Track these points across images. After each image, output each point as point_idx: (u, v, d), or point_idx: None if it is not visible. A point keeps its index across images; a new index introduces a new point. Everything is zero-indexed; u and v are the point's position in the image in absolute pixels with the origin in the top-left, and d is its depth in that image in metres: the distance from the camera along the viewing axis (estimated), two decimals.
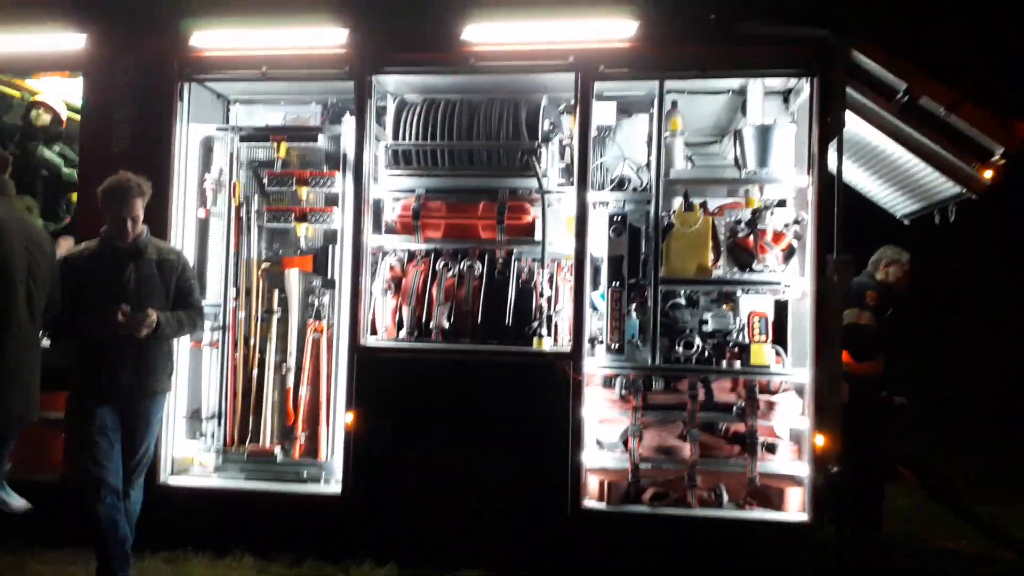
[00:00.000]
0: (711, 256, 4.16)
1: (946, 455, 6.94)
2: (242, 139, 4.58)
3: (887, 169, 4.92)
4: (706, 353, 4.15)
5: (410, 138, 4.48)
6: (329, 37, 4.37)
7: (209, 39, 4.45)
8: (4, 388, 3.21)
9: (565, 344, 4.23)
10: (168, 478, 4.36)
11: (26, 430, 3.51)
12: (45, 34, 4.57)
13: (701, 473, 4.05)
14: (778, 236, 4.19)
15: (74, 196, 5.24)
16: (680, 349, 4.12)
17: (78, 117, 4.99)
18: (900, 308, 4.91)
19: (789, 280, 4.13)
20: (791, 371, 4.10)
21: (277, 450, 4.38)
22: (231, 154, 4.59)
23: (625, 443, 4.12)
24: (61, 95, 5.51)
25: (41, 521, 3.77)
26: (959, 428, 8.86)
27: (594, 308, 4.32)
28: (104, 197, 3.51)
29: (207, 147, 4.65)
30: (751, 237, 4.15)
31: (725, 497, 4.00)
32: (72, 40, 4.53)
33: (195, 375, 4.61)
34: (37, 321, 3.36)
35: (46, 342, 3.66)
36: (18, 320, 3.24)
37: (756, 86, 4.41)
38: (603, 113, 4.49)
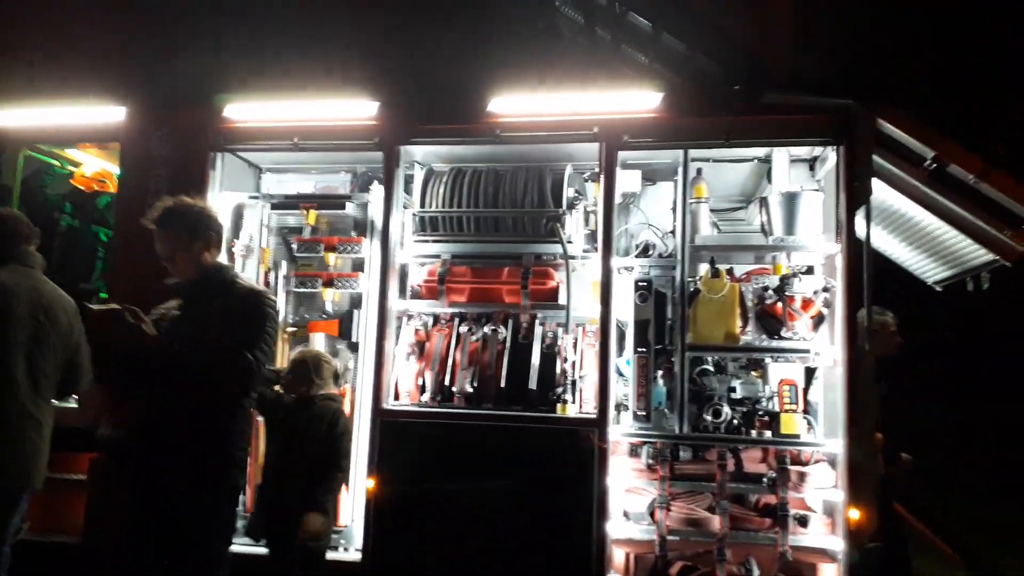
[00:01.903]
0: (739, 322, 4.16)
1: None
2: (273, 207, 4.73)
3: (917, 236, 4.90)
4: (735, 421, 4.09)
5: (437, 205, 4.60)
6: (359, 110, 4.56)
7: (242, 111, 4.65)
8: (2, 454, 3.23)
9: (590, 410, 4.21)
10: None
11: (47, 492, 3.54)
12: (87, 107, 4.81)
13: (731, 546, 3.94)
14: (807, 303, 4.18)
15: None
16: (708, 417, 4.07)
17: None
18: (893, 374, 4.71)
19: (819, 348, 4.10)
20: (823, 441, 4.02)
21: None
22: (261, 221, 4.73)
23: (652, 514, 4.04)
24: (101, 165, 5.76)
25: None
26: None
27: (619, 374, 4.31)
28: None
29: (238, 214, 4.80)
30: (779, 304, 4.15)
31: (756, 571, 3.86)
32: (112, 112, 4.77)
33: None
34: (43, 389, 3.36)
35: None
36: (15, 389, 3.25)
37: (781, 154, 4.48)
38: (628, 181, 4.58)
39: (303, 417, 3.83)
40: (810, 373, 4.26)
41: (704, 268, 4.33)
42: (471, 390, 4.36)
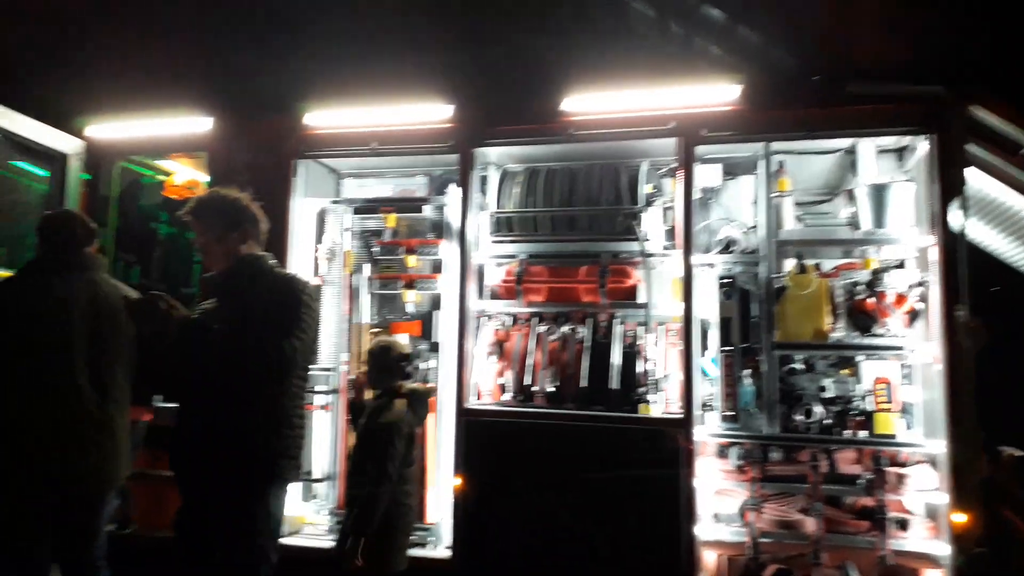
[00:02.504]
0: (828, 319, 4.05)
1: None
2: (355, 211, 4.83)
3: (1019, 226, 4.69)
4: (827, 421, 3.98)
5: (512, 206, 4.63)
6: (435, 113, 4.61)
7: (322, 118, 4.76)
8: (69, 461, 3.22)
9: (674, 410, 4.16)
10: (282, 540, 4.45)
11: (150, 489, 3.67)
12: (176, 119, 5.01)
13: (826, 549, 3.84)
14: (900, 298, 4.03)
15: None
16: (799, 417, 3.97)
17: None
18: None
19: (914, 344, 3.96)
20: (923, 442, 3.88)
21: None
22: (343, 225, 4.84)
23: (743, 516, 3.97)
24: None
25: None
26: None
27: (704, 373, 4.25)
28: None
29: (320, 219, 4.92)
30: (871, 299, 4.02)
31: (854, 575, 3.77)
32: (200, 123, 4.94)
33: (307, 438, 4.77)
34: (112, 393, 3.37)
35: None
36: (80, 397, 3.25)
37: (867, 145, 4.34)
38: (707, 175, 4.50)
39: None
40: (905, 371, 4.12)
41: (790, 264, 4.22)
42: (552, 390, 4.37)
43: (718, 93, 4.29)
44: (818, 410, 3.96)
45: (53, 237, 3.42)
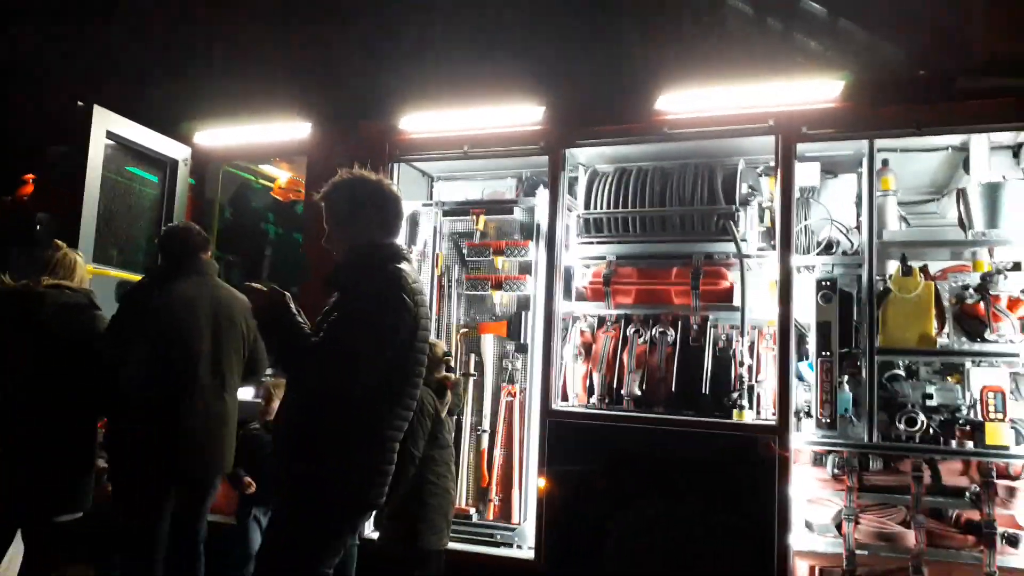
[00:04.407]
0: (935, 324, 4.03)
1: None
2: (445, 213, 5.12)
3: None
4: (931, 431, 3.98)
5: (602, 206, 4.78)
6: (525, 115, 4.83)
7: (415, 123, 5.06)
8: (191, 449, 3.66)
9: (768, 417, 4.23)
10: (368, 533, 4.72)
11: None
12: (277, 124, 5.43)
13: (928, 564, 3.82)
14: (1014, 302, 3.98)
15: None
16: (902, 426, 3.97)
17: None
18: None
19: None
20: None
21: (472, 511, 4.70)
22: (435, 227, 5.14)
23: (839, 527, 4.00)
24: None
25: None
26: None
27: (800, 379, 4.29)
28: None
29: (413, 221, 5.23)
30: (981, 304, 3.98)
31: None
32: (299, 129, 5.34)
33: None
34: (228, 386, 3.82)
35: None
36: (201, 387, 3.70)
37: (980, 141, 4.28)
38: (806, 174, 4.53)
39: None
40: (1018, 379, 4.06)
41: (894, 266, 4.21)
42: (639, 393, 4.50)
43: (819, 89, 4.32)
44: (922, 418, 3.95)
45: (174, 246, 3.89)
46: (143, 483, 3.64)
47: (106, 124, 5.07)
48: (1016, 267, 4.16)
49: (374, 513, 3.73)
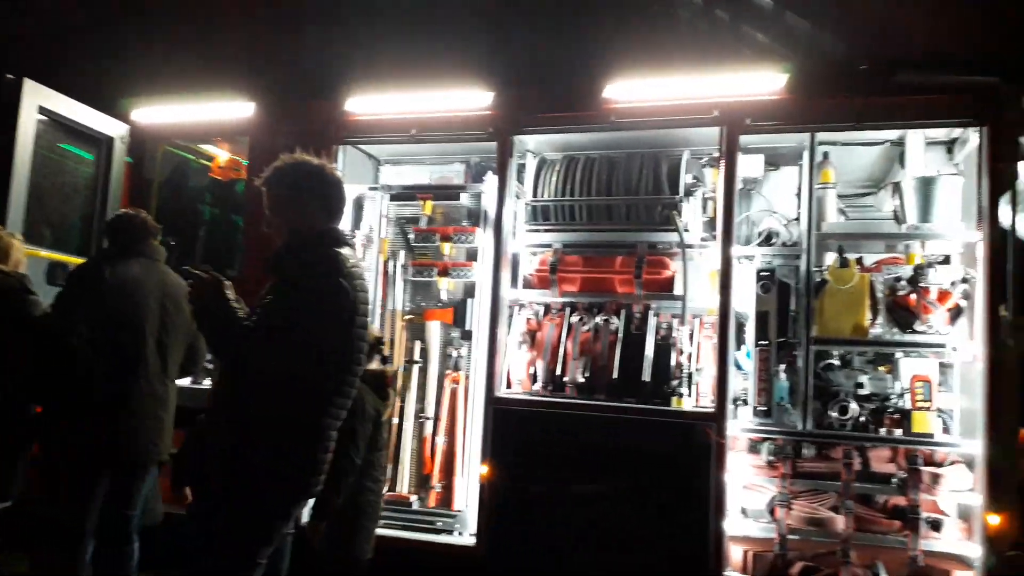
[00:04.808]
0: (868, 315, 4.17)
1: None
2: (391, 198, 5.09)
3: None
4: (862, 419, 4.11)
5: (549, 194, 4.82)
6: (474, 100, 4.82)
7: (362, 104, 5.01)
8: (132, 430, 3.65)
9: (706, 404, 4.33)
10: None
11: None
12: (219, 104, 5.33)
13: (856, 548, 3.97)
14: (944, 295, 4.14)
15: None
16: (834, 414, 4.11)
17: None
18: None
19: (956, 342, 4.05)
20: (959, 441, 3.99)
21: (413, 498, 4.72)
22: (380, 212, 5.11)
23: (772, 512, 4.13)
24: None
25: None
26: None
27: (738, 367, 4.40)
28: None
29: (358, 205, 5.18)
30: (913, 295, 4.13)
31: (883, 575, 3.91)
32: (242, 108, 5.25)
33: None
34: (170, 370, 3.85)
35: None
36: (147, 369, 3.72)
37: (916, 136, 4.41)
38: (749, 166, 4.63)
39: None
40: (945, 369, 4.23)
41: (831, 257, 4.35)
42: (582, 380, 4.56)
43: (763, 82, 4.41)
44: (853, 406, 4.08)
45: (123, 230, 3.89)
46: (77, 468, 3.61)
47: (38, 99, 4.93)
48: (946, 260, 4.32)
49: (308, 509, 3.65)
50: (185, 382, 4.36)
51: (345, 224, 5.05)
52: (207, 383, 4.81)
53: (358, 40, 5.43)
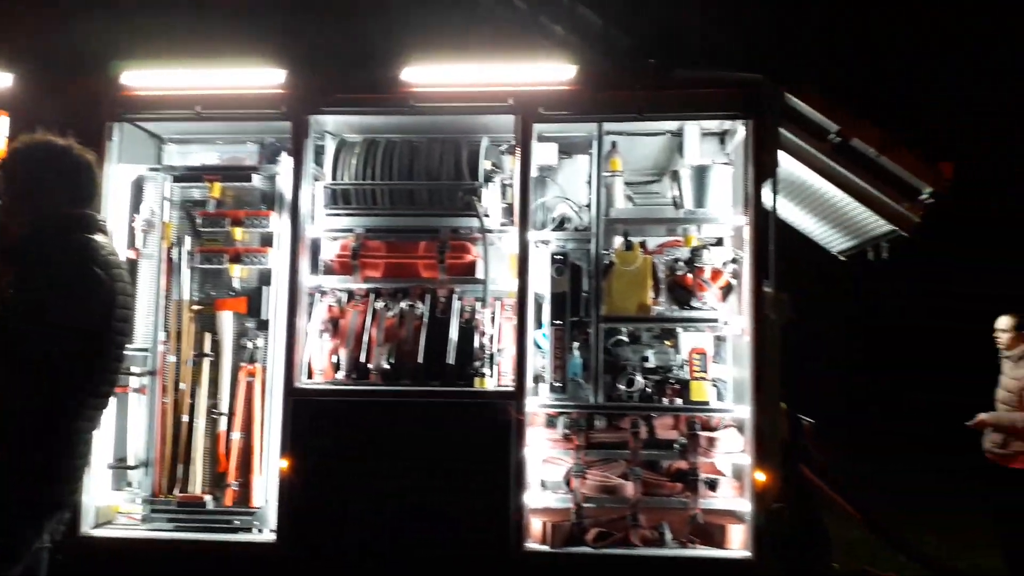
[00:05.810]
0: (651, 294, 4.52)
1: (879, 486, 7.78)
2: (175, 180, 4.81)
3: (822, 207, 5.39)
4: (648, 390, 4.46)
5: (349, 177, 4.77)
6: (266, 78, 4.66)
7: (140, 79, 4.68)
8: None
9: (508, 383, 4.49)
10: (91, 530, 4.44)
11: None
12: None
13: (644, 512, 4.31)
14: (716, 274, 4.58)
15: None
16: (622, 387, 4.43)
17: None
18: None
19: (727, 317, 4.50)
20: (731, 407, 4.44)
21: (207, 498, 4.51)
22: (163, 194, 4.81)
23: (568, 483, 4.38)
24: None
25: None
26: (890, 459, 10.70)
27: (537, 346, 4.61)
28: None
29: (138, 187, 4.86)
30: (690, 275, 4.53)
31: (668, 535, 4.26)
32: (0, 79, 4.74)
33: (120, 422, 4.73)
34: None
35: None
36: None
37: (692, 128, 4.82)
38: (544, 154, 4.83)
39: None
40: (719, 342, 4.68)
41: (618, 241, 4.67)
42: (388, 367, 4.57)
43: (556, 72, 4.62)
44: (639, 379, 4.42)
45: None
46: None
47: None
48: (719, 242, 4.78)
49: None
50: None
51: (123, 207, 4.78)
52: None
53: (135, 8, 5.06)
